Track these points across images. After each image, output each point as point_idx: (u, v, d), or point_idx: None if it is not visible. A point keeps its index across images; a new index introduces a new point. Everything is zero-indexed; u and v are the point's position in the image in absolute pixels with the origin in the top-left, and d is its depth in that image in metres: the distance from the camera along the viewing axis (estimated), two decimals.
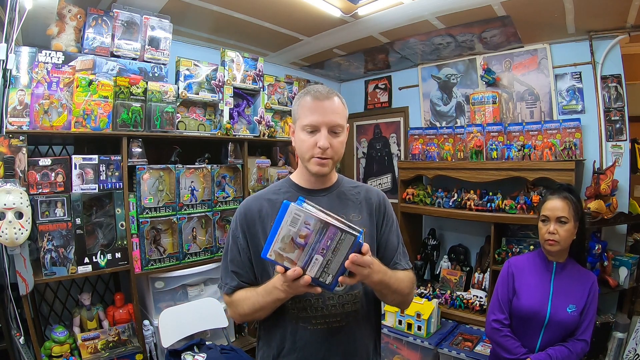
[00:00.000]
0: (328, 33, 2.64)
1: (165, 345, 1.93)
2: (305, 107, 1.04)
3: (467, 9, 2.19)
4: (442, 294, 2.71)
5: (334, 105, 1.03)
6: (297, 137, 1.07)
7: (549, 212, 1.47)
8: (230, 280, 1.09)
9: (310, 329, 1.02)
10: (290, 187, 1.13)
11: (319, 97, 1.03)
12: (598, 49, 2.42)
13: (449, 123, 3.11)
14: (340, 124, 1.04)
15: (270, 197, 1.10)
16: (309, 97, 1.04)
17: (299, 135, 1.06)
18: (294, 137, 1.10)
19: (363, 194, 1.16)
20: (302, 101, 1.06)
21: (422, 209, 2.86)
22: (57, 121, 1.78)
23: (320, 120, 1.01)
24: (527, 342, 1.48)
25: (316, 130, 1.02)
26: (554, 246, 1.45)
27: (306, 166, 1.07)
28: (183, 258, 2.16)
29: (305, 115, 1.03)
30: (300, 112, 1.05)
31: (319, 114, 1.01)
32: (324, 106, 1.02)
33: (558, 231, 1.43)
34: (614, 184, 2.21)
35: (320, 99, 1.03)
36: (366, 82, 3.74)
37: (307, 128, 1.02)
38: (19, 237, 1.51)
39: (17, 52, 1.71)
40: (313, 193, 1.10)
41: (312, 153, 1.03)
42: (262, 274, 1.07)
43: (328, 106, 1.02)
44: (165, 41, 2.16)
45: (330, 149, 1.02)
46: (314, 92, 1.05)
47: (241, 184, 2.45)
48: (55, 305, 2.06)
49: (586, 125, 2.43)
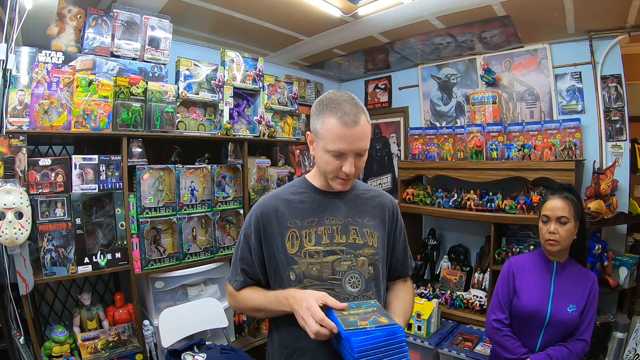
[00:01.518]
0: (328, 33, 2.64)
1: (165, 345, 1.93)
2: (331, 132, 0.96)
3: (467, 9, 2.19)
4: (442, 294, 2.71)
5: (362, 131, 0.97)
6: (319, 154, 1.02)
7: (549, 212, 1.47)
8: (239, 276, 1.10)
9: None
10: (307, 188, 1.12)
11: (347, 123, 0.95)
12: (598, 49, 2.42)
13: (449, 123, 3.11)
14: (366, 147, 1.01)
15: (288, 197, 1.10)
16: (336, 121, 0.95)
17: (322, 155, 1.01)
18: (312, 146, 1.06)
19: (377, 200, 1.17)
20: (327, 122, 0.97)
21: (422, 209, 2.86)
22: (57, 121, 1.78)
23: (348, 149, 0.96)
24: (527, 342, 1.49)
25: (341, 155, 0.98)
26: (555, 246, 1.45)
27: (327, 180, 1.06)
28: (183, 258, 2.16)
29: (332, 141, 0.96)
30: (326, 134, 0.97)
31: (347, 142, 0.96)
32: (353, 134, 0.95)
33: (558, 231, 1.43)
34: (614, 184, 2.21)
35: (349, 125, 0.95)
36: (366, 82, 3.74)
37: (332, 153, 0.98)
38: (19, 237, 1.51)
39: (17, 52, 1.71)
40: (329, 195, 1.10)
41: (336, 174, 1.02)
42: (275, 275, 1.07)
43: (357, 133, 0.96)
44: (165, 41, 2.16)
45: (355, 170, 1.01)
46: (342, 114, 0.95)
47: (241, 184, 2.45)
48: (55, 305, 2.06)
49: (586, 125, 2.43)
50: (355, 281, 1.04)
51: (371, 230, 1.10)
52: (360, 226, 1.09)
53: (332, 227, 1.06)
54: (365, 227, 1.10)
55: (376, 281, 1.09)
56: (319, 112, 1.01)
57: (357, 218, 1.10)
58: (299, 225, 1.05)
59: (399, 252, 1.20)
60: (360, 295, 1.04)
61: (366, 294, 1.05)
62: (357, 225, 1.09)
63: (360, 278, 1.05)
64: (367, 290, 1.05)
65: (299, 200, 1.09)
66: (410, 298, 1.18)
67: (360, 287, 1.04)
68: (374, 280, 1.08)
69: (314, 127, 1.03)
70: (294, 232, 1.04)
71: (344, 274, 1.04)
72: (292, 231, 1.05)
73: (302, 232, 1.04)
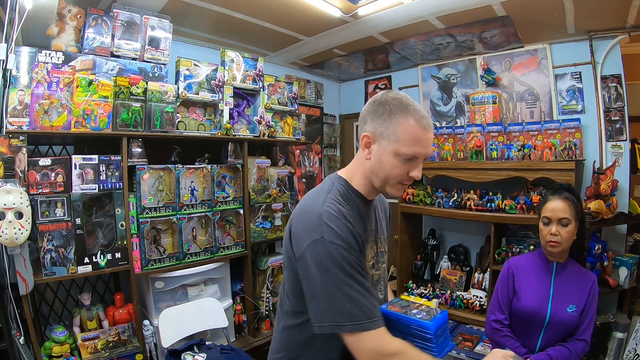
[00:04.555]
0: (328, 33, 2.65)
1: (165, 345, 1.93)
2: (411, 134, 0.90)
3: (467, 9, 2.19)
4: (442, 294, 2.72)
5: (432, 135, 0.95)
6: (385, 157, 0.93)
7: (550, 213, 1.46)
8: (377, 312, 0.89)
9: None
10: (356, 197, 1.00)
11: (426, 127, 0.91)
12: (598, 49, 2.42)
13: (449, 123, 3.11)
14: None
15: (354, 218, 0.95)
16: (415, 123, 0.90)
17: (389, 158, 0.92)
18: (369, 149, 0.96)
19: (384, 203, 1.18)
20: (404, 123, 0.90)
21: (422, 209, 2.86)
22: (57, 121, 1.78)
23: (423, 152, 0.92)
24: (527, 342, 1.49)
25: (412, 159, 0.92)
26: (556, 247, 1.45)
27: (383, 186, 0.97)
28: (183, 258, 2.16)
29: (408, 144, 0.90)
30: (402, 136, 0.90)
31: (423, 146, 0.92)
32: (428, 137, 0.92)
33: (560, 233, 1.43)
34: (614, 184, 2.21)
35: (427, 128, 0.91)
36: (366, 82, 3.74)
37: (405, 156, 0.91)
38: (19, 237, 1.51)
39: (17, 52, 1.71)
40: (368, 204, 1.04)
41: (400, 179, 0.95)
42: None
43: (430, 137, 0.93)
44: (165, 41, 2.16)
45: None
46: (419, 117, 0.91)
47: (241, 184, 2.45)
48: (55, 305, 2.06)
49: (586, 125, 2.43)
50: (383, 288, 1.08)
51: (386, 236, 1.12)
52: (381, 233, 1.09)
53: (370, 238, 1.03)
54: (384, 234, 1.11)
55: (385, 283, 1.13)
56: (388, 113, 0.92)
57: (379, 226, 1.09)
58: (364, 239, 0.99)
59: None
60: (384, 299, 1.07)
61: (387, 298, 1.09)
62: (381, 234, 1.09)
63: (384, 283, 1.09)
64: (386, 294, 1.09)
65: (357, 214, 0.98)
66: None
67: (384, 291, 1.08)
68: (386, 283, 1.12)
69: (380, 129, 0.93)
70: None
71: (376, 282, 1.06)
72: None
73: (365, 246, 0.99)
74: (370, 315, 0.84)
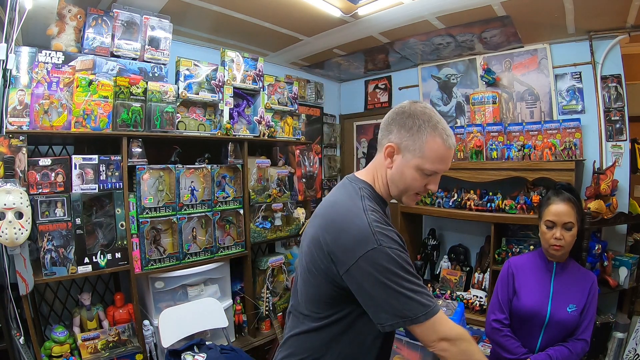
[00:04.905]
0: (328, 33, 2.65)
1: (165, 345, 1.93)
2: (437, 153, 0.95)
3: (467, 9, 2.19)
4: (442, 294, 2.71)
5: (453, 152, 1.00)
6: (407, 170, 0.98)
7: (554, 217, 1.44)
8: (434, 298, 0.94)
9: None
10: (381, 202, 1.05)
11: (451, 146, 0.97)
12: (598, 49, 2.42)
13: (449, 123, 3.07)
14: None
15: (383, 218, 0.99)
16: (442, 142, 0.95)
17: (411, 171, 0.97)
18: (391, 159, 0.99)
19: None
20: (434, 144, 0.95)
21: (422, 209, 2.86)
22: (57, 121, 1.78)
23: (445, 169, 0.99)
24: (527, 342, 1.48)
25: (433, 175, 0.99)
26: (559, 251, 1.44)
27: (400, 196, 1.03)
28: (183, 258, 2.16)
29: (433, 161, 0.95)
30: (429, 153, 0.95)
31: (446, 164, 0.98)
32: (450, 155, 0.98)
33: (564, 237, 1.42)
34: (614, 184, 2.21)
35: (452, 148, 0.97)
36: (366, 82, 3.74)
37: (427, 172, 0.97)
38: (19, 237, 1.51)
39: (17, 52, 1.71)
40: (385, 205, 1.09)
41: (418, 191, 1.02)
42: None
43: (452, 155, 0.99)
44: (165, 41, 2.16)
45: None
46: (446, 136, 0.96)
47: (241, 184, 2.45)
48: (55, 305, 2.06)
49: (586, 125, 2.43)
50: None
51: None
52: None
53: None
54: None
55: None
56: (417, 128, 0.95)
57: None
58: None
59: None
60: None
61: None
62: None
63: None
64: None
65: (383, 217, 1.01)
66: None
67: None
68: None
69: (407, 143, 0.96)
70: None
71: None
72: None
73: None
74: (434, 300, 0.91)
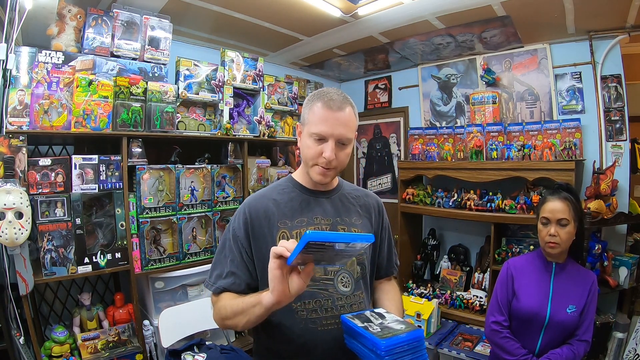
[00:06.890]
0: (328, 33, 2.64)
1: (165, 345, 1.93)
2: (316, 115, 1.00)
3: (467, 9, 2.19)
4: (442, 294, 2.72)
5: (345, 117, 1.00)
6: (303, 140, 1.04)
7: (549, 214, 1.46)
8: (223, 280, 1.03)
9: (320, 329, 1.00)
10: (295, 187, 1.11)
11: (331, 106, 0.98)
12: (598, 49, 2.42)
13: (449, 123, 3.11)
14: (349, 137, 1.01)
15: (276, 198, 1.08)
16: (321, 104, 0.99)
17: (305, 140, 1.03)
18: (300, 137, 1.07)
19: (363, 199, 1.18)
20: (314, 106, 1.01)
21: (422, 209, 2.86)
22: (57, 121, 1.78)
23: (329, 132, 0.98)
24: (527, 343, 1.48)
25: (323, 140, 0.99)
26: (555, 248, 1.44)
27: (308, 171, 1.05)
28: (183, 258, 2.16)
29: (315, 123, 0.99)
30: (310, 117, 1.01)
31: (328, 125, 0.98)
32: (335, 117, 0.98)
33: (559, 233, 1.43)
34: (614, 184, 2.21)
35: (332, 109, 0.98)
36: (366, 82, 3.74)
37: (314, 136, 0.99)
38: (19, 237, 1.51)
39: (17, 52, 1.71)
40: (316, 194, 1.10)
41: (316, 161, 1.01)
42: (263, 276, 0.99)
43: (339, 117, 0.99)
44: (165, 41, 2.16)
45: (335, 159, 1.00)
46: (327, 99, 1.00)
47: (241, 184, 2.45)
48: (55, 305, 2.06)
49: (586, 125, 2.43)
50: (346, 281, 1.06)
51: (358, 229, 1.11)
52: (348, 225, 1.10)
53: (321, 227, 1.06)
54: (353, 227, 1.10)
55: (364, 280, 1.10)
56: (308, 101, 1.05)
57: (345, 217, 1.11)
58: (289, 225, 1.04)
59: (384, 251, 1.21)
60: (352, 295, 1.05)
61: (356, 293, 1.06)
62: (345, 225, 1.09)
63: (350, 278, 1.06)
64: (357, 289, 1.06)
65: (287, 200, 1.08)
66: (399, 297, 1.20)
67: (351, 286, 1.05)
68: (362, 279, 1.09)
69: (302, 115, 1.07)
70: (285, 233, 1.03)
71: (336, 273, 1.05)
72: (283, 231, 1.03)
73: (292, 232, 1.03)
74: (213, 279, 1.08)
